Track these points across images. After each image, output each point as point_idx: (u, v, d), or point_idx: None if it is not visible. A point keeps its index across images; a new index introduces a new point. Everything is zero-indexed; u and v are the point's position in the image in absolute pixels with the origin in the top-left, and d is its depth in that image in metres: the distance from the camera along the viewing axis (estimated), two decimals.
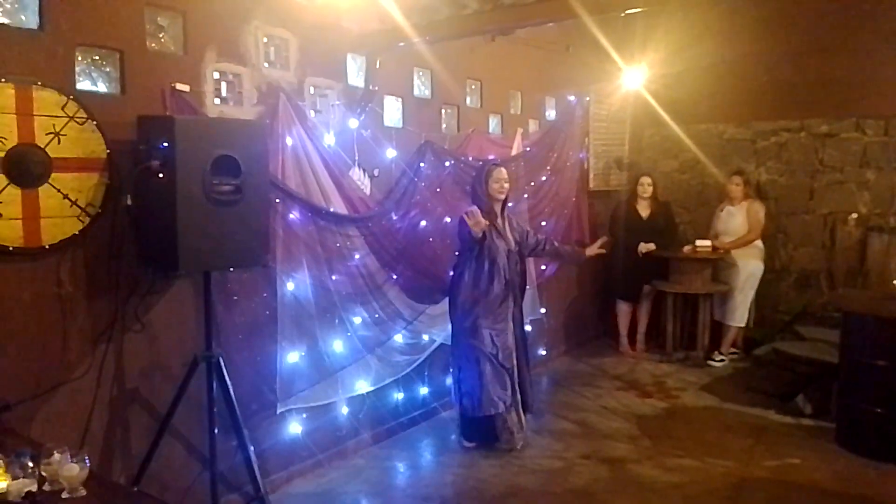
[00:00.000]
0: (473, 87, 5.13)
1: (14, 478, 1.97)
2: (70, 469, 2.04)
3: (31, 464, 2.02)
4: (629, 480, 3.93)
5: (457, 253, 4.38)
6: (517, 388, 4.29)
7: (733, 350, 6.38)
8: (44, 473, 2.05)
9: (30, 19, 2.68)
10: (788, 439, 4.53)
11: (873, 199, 6.23)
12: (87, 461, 2.07)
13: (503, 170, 4.29)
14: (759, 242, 6.20)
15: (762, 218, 6.17)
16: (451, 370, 4.45)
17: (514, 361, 4.27)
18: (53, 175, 2.69)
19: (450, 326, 4.38)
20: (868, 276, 6.11)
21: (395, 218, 4.27)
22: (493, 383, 4.18)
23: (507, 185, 4.25)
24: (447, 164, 4.64)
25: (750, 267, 6.15)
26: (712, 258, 6.14)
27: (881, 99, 6.09)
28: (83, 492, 2.05)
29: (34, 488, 1.95)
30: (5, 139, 2.55)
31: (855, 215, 6.29)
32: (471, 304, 4.19)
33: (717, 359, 6.21)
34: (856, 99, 6.20)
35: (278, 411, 3.66)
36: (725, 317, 6.27)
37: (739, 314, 6.21)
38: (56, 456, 2.06)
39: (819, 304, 6.39)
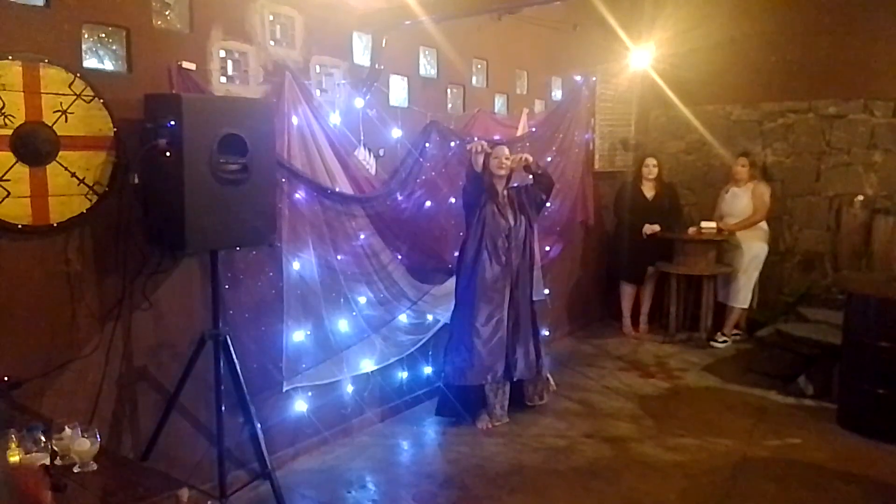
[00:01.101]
0: (479, 66, 5.10)
1: (27, 452, 2.00)
2: (81, 444, 2.08)
3: (43, 438, 2.05)
4: (632, 459, 3.97)
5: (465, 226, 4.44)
6: (508, 366, 4.39)
7: (736, 331, 6.40)
8: (55, 448, 2.09)
9: None
10: (790, 419, 4.56)
11: (880, 181, 6.20)
12: (97, 436, 2.11)
13: (504, 148, 4.36)
14: (763, 224, 6.20)
15: (767, 200, 6.15)
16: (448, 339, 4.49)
17: (507, 341, 4.34)
18: (61, 153, 2.70)
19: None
20: (873, 258, 6.10)
21: (400, 198, 4.28)
22: (482, 357, 4.26)
23: (507, 162, 4.29)
24: (452, 144, 4.63)
25: (754, 249, 6.15)
26: (717, 240, 6.14)
27: (890, 80, 6.03)
28: (94, 466, 2.09)
29: (47, 462, 1.98)
30: (13, 117, 2.56)
31: (861, 197, 6.26)
32: (471, 280, 4.26)
33: (719, 340, 6.23)
34: (864, 80, 6.14)
35: (284, 389, 3.69)
36: (729, 298, 6.28)
37: (743, 296, 6.22)
38: (67, 431, 2.10)
39: (823, 286, 6.40)
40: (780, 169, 6.64)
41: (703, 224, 6.18)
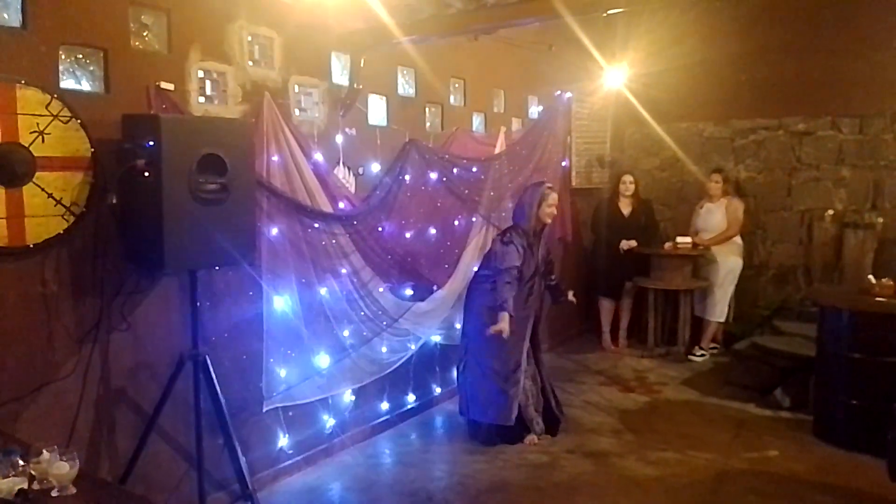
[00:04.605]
0: (457, 85, 5.15)
1: (4, 476, 1.97)
2: (60, 467, 2.04)
3: (21, 462, 2.02)
4: (613, 474, 3.99)
5: (480, 265, 4.56)
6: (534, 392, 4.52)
7: (713, 345, 6.48)
8: (33, 472, 2.05)
9: (12, 17, 2.66)
10: (767, 432, 4.62)
11: (849, 195, 6.35)
12: (76, 459, 2.08)
13: (556, 195, 4.41)
14: (738, 239, 6.30)
15: (741, 215, 6.27)
16: (463, 377, 4.47)
17: (522, 371, 4.35)
18: (37, 174, 2.68)
19: (435, 323, 4.47)
20: (844, 271, 6.23)
21: (380, 216, 4.29)
22: (514, 394, 4.30)
23: (556, 211, 4.42)
24: (431, 162, 4.67)
25: (729, 263, 6.25)
26: (692, 255, 6.23)
27: (856, 98, 6.21)
28: (73, 490, 2.05)
29: (25, 486, 1.95)
30: None
31: (831, 212, 6.41)
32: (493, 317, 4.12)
33: (697, 354, 6.30)
34: (832, 98, 6.32)
35: (264, 409, 3.66)
36: (705, 312, 6.36)
37: (719, 309, 6.30)
38: (45, 454, 2.06)
39: (797, 299, 6.52)
40: (752, 185, 6.77)
41: (679, 239, 6.27)
